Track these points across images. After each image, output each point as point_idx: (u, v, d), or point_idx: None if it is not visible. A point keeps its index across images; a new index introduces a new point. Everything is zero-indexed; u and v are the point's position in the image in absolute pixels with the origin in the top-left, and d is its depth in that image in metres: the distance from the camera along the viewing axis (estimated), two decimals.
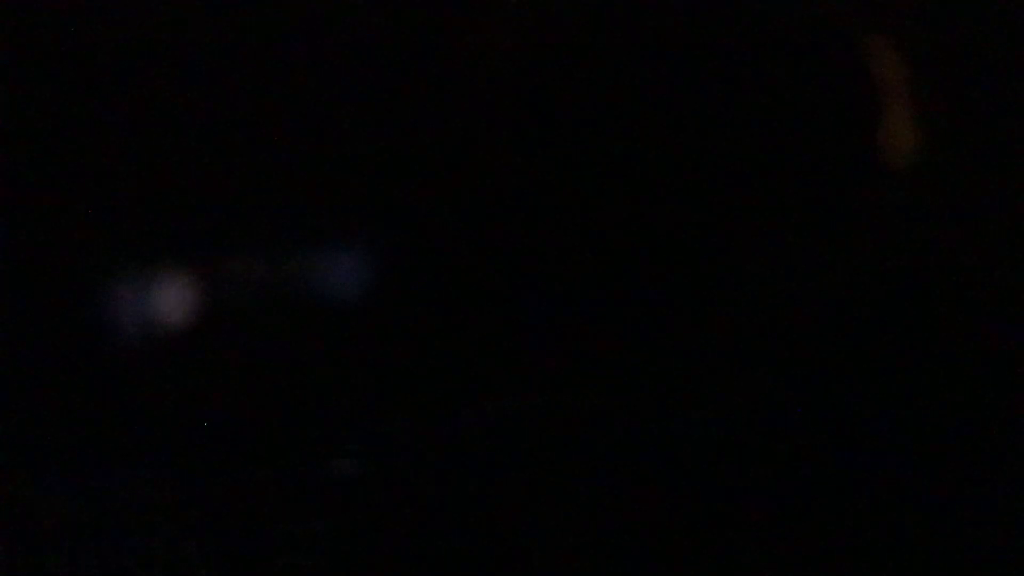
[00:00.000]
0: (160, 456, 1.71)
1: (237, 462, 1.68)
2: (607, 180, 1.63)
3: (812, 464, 1.59)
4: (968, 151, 1.77)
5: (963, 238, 1.71)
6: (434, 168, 1.82)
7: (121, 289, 1.89)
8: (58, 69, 1.86)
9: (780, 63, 1.64)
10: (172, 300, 1.90)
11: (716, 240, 1.64)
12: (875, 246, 1.68)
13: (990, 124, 1.78)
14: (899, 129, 1.71)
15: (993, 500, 1.60)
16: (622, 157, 1.63)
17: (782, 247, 1.65)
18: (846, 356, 1.63)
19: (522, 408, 1.60)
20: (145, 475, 1.70)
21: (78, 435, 1.75)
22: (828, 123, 1.65)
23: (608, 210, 1.62)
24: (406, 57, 1.82)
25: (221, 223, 1.90)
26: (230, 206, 1.91)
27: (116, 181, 1.90)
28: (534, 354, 1.60)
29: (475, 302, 1.64)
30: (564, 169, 1.67)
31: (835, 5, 1.78)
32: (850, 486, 1.59)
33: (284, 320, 1.80)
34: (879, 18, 1.82)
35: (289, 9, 1.83)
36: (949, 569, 1.58)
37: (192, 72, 1.86)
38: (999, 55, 1.79)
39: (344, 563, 1.60)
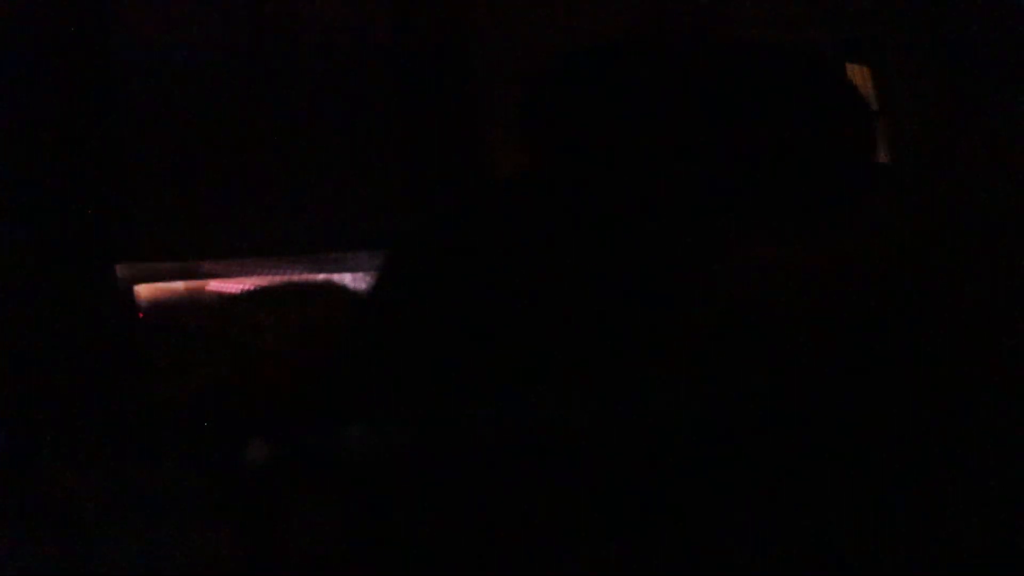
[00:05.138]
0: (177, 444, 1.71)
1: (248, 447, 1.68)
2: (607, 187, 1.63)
3: (807, 463, 1.59)
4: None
5: (956, 238, 1.71)
6: (442, 172, 1.82)
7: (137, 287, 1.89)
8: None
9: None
10: (184, 298, 1.90)
11: (715, 243, 1.64)
12: (867, 246, 1.68)
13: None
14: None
15: (990, 499, 1.61)
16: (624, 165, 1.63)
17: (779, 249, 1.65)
18: (840, 356, 1.63)
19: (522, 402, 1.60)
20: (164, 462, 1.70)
21: (101, 426, 1.75)
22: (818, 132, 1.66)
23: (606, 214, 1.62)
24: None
25: (235, 220, 1.90)
26: (237, 203, 1.92)
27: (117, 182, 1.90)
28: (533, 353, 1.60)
29: (473, 301, 1.64)
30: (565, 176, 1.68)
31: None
32: (843, 485, 1.59)
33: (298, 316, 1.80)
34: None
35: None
36: (944, 567, 1.58)
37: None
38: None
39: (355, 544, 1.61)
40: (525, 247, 1.63)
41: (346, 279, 1.92)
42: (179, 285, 1.91)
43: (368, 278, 1.90)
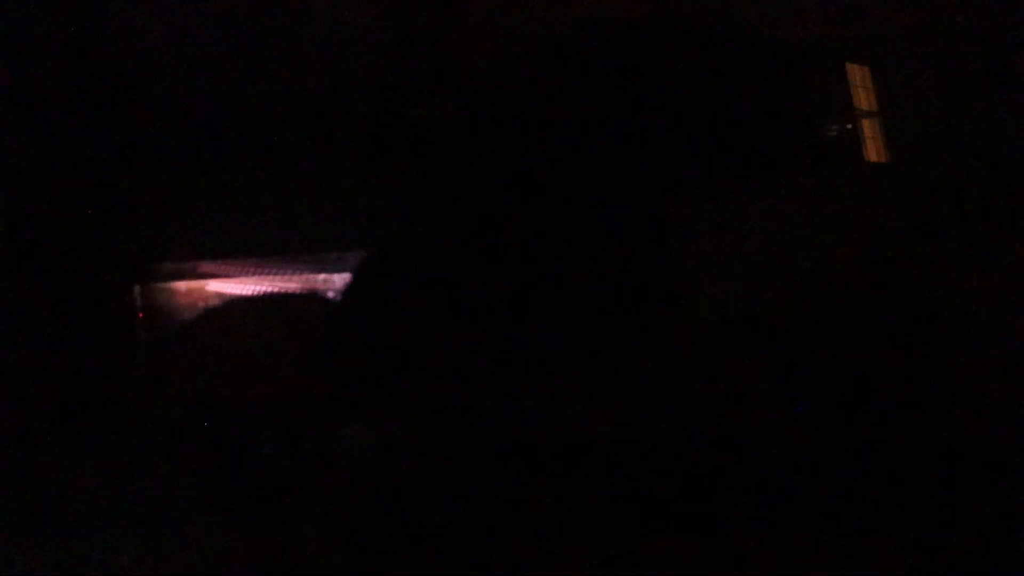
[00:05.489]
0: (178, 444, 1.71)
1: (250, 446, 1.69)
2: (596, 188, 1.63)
3: (805, 462, 1.59)
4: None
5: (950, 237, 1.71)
6: (439, 175, 1.83)
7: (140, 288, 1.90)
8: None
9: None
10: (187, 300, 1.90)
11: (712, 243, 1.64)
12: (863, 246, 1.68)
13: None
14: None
15: (989, 498, 1.61)
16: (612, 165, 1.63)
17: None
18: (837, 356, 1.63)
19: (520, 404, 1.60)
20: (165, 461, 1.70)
21: (101, 426, 1.75)
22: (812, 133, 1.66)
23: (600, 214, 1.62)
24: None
25: (230, 222, 1.90)
26: (236, 206, 1.92)
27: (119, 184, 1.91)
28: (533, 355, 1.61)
29: (471, 304, 1.64)
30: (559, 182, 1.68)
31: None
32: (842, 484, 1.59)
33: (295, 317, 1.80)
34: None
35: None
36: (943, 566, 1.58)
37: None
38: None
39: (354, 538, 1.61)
40: (514, 241, 1.63)
41: (345, 279, 1.92)
42: (179, 285, 1.91)
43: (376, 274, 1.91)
